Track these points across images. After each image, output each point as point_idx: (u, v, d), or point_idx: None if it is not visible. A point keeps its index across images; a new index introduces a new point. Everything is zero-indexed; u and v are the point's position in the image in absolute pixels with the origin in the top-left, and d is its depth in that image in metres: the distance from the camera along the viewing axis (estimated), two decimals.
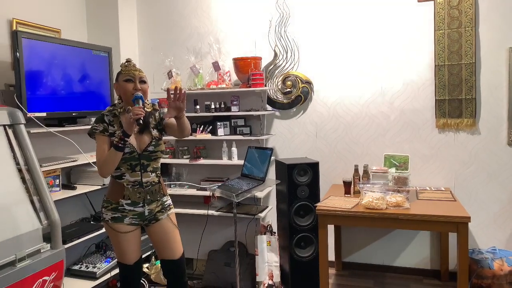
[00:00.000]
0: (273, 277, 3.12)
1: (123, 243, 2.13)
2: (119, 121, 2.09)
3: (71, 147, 2.92)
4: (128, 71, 2.08)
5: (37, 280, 2.07)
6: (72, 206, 3.07)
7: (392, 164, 3.09)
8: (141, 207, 2.12)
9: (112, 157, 1.98)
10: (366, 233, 3.46)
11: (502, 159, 3.11)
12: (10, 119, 2.20)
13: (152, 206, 2.16)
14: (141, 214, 2.13)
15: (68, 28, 3.39)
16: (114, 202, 2.11)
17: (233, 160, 3.41)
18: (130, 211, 2.11)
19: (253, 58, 3.40)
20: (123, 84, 2.08)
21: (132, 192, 2.10)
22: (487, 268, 2.92)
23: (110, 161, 1.99)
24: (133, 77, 2.07)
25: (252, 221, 3.42)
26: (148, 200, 2.13)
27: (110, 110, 2.13)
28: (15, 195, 2.10)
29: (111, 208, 2.11)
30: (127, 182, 2.10)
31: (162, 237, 2.19)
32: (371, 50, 3.33)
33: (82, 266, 2.85)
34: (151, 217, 2.16)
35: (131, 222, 2.12)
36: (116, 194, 2.11)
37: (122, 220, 2.10)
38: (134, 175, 2.10)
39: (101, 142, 2.05)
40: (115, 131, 2.07)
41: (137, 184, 2.11)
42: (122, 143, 1.96)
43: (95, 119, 2.11)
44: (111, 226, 2.11)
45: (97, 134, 2.06)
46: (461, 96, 3.14)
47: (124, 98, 2.11)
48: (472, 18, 3.06)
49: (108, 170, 2.02)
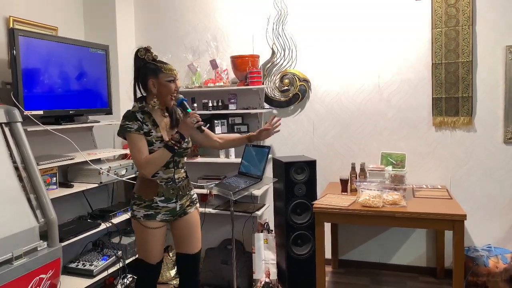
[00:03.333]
0: (270, 274, 3.13)
1: (150, 240, 2.12)
2: (151, 119, 2.07)
3: (68, 145, 2.91)
4: (171, 71, 2.07)
5: (34, 278, 2.07)
6: (69, 204, 3.06)
7: (389, 162, 3.10)
8: (174, 203, 2.13)
9: (163, 157, 2.00)
10: (363, 231, 3.48)
11: (498, 157, 3.13)
12: (7, 117, 2.19)
13: (183, 200, 2.19)
14: (173, 210, 2.14)
15: (65, 25, 3.37)
16: (148, 199, 2.10)
17: (231, 158, 3.41)
18: (163, 207, 2.11)
19: (251, 56, 3.40)
20: (166, 84, 2.05)
21: (166, 189, 2.11)
22: (482, 265, 2.94)
23: (160, 162, 2.01)
24: (175, 77, 2.08)
25: (249, 219, 3.43)
26: (180, 195, 2.16)
27: (141, 106, 2.08)
28: (12, 193, 2.09)
29: (145, 205, 2.10)
30: (160, 179, 2.10)
31: (186, 230, 2.22)
32: (368, 48, 3.34)
33: (79, 264, 2.84)
34: (181, 211, 2.18)
35: (163, 219, 2.12)
36: (150, 192, 2.10)
37: (155, 217, 2.10)
38: (168, 172, 2.11)
39: (139, 141, 2.01)
40: (150, 130, 2.05)
41: (170, 180, 2.12)
42: (178, 146, 1.99)
43: (126, 117, 2.05)
44: (142, 224, 2.10)
45: (132, 132, 2.01)
46: (458, 94, 3.15)
47: (161, 96, 2.07)
48: (469, 17, 3.07)
49: (155, 170, 2.04)
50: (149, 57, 2.08)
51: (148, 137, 2.04)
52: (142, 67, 2.09)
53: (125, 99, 3.71)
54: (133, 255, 3.14)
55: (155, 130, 2.06)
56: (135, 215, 2.12)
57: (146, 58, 2.08)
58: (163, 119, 2.14)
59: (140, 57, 2.09)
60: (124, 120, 2.04)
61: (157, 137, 2.05)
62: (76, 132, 3.15)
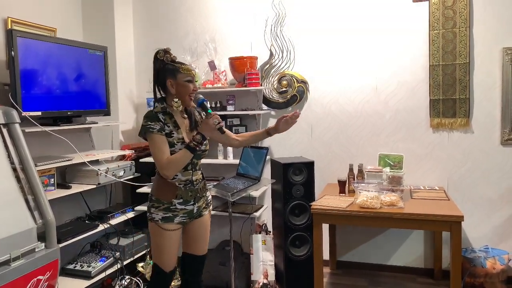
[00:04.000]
0: (268, 276, 3.13)
1: (167, 244, 2.11)
2: (172, 120, 2.07)
3: (66, 146, 2.91)
4: (189, 72, 2.08)
5: (32, 279, 2.07)
6: (67, 205, 3.06)
7: (386, 163, 3.10)
8: (191, 205, 2.13)
9: (184, 158, 1.99)
10: (361, 232, 3.48)
11: (495, 159, 3.14)
12: (5, 118, 2.19)
13: (200, 202, 2.19)
14: (190, 212, 2.14)
15: (64, 27, 3.37)
16: (166, 202, 2.09)
17: (229, 159, 3.41)
18: (181, 209, 2.11)
19: (249, 57, 3.41)
20: (185, 84, 2.05)
21: (184, 192, 2.10)
22: (480, 266, 2.95)
23: (182, 163, 2.00)
24: (193, 77, 2.09)
25: (247, 220, 3.43)
26: (198, 197, 2.16)
27: (162, 107, 2.08)
28: (10, 194, 2.09)
29: (163, 208, 2.09)
30: (179, 181, 2.09)
31: (198, 232, 2.22)
32: (366, 49, 3.35)
33: (77, 265, 2.84)
34: (197, 214, 2.18)
35: (180, 221, 2.12)
36: (168, 194, 2.09)
37: (173, 220, 2.09)
38: (186, 174, 2.11)
39: (161, 142, 2.00)
40: (171, 131, 2.04)
41: (189, 182, 2.12)
42: (199, 147, 1.99)
43: (148, 117, 2.03)
44: (160, 226, 2.08)
45: (155, 133, 2.00)
46: (455, 96, 3.16)
47: (180, 96, 2.07)
48: (466, 19, 3.08)
49: (177, 171, 2.03)
50: (167, 58, 2.08)
51: (170, 138, 2.03)
52: (161, 68, 2.08)
53: (123, 100, 3.71)
54: (131, 257, 3.15)
55: (177, 132, 2.06)
56: (153, 218, 2.10)
57: (165, 59, 2.07)
58: (184, 121, 2.14)
59: (159, 58, 2.09)
60: (146, 120, 2.03)
61: (178, 138, 2.05)
62: (74, 133, 3.16)
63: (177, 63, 2.09)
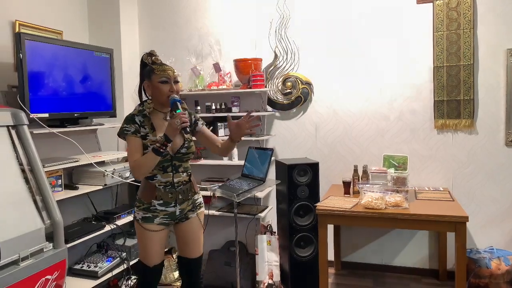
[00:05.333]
0: (273, 276, 3.15)
1: (148, 242, 2.13)
2: (150, 122, 2.07)
3: (73, 147, 2.93)
4: (164, 72, 2.03)
5: (40, 279, 2.09)
6: (74, 206, 3.08)
7: (391, 164, 3.11)
8: (172, 207, 2.13)
9: (150, 161, 1.97)
10: (365, 233, 3.49)
11: (500, 160, 3.14)
12: (14, 120, 2.22)
13: (184, 205, 2.17)
14: (172, 214, 2.14)
15: (70, 29, 3.41)
16: (146, 202, 2.11)
17: (234, 161, 3.43)
18: (161, 211, 2.12)
19: (254, 59, 3.43)
20: (158, 85, 2.03)
21: (164, 193, 2.10)
22: (484, 267, 2.95)
23: (148, 165, 1.98)
24: (169, 78, 2.03)
25: (252, 221, 3.45)
26: (180, 200, 2.14)
27: (140, 110, 2.09)
28: (19, 195, 2.12)
29: (143, 208, 2.12)
30: (159, 182, 2.10)
31: (187, 235, 2.22)
32: (370, 51, 3.37)
33: (84, 265, 2.86)
34: (182, 216, 2.17)
35: (161, 222, 2.13)
36: (148, 195, 2.11)
37: (153, 221, 2.11)
38: (166, 176, 2.10)
39: (134, 144, 2.02)
40: (146, 133, 2.05)
41: (169, 184, 2.11)
42: (163, 149, 1.95)
43: (125, 120, 2.06)
44: (141, 225, 2.12)
45: (129, 135, 2.02)
46: (460, 97, 3.17)
47: (157, 99, 2.07)
48: (470, 20, 3.09)
49: (144, 173, 2.03)
50: (149, 60, 2.08)
51: (144, 140, 2.04)
52: (142, 70, 2.12)
53: (129, 102, 3.74)
54: (137, 257, 3.16)
55: (152, 134, 2.05)
56: (135, 217, 2.16)
57: (147, 61, 2.09)
58: (165, 123, 2.10)
59: (143, 61, 2.11)
60: (123, 123, 2.07)
61: (152, 140, 2.03)
62: (80, 134, 3.18)
63: (156, 64, 2.07)
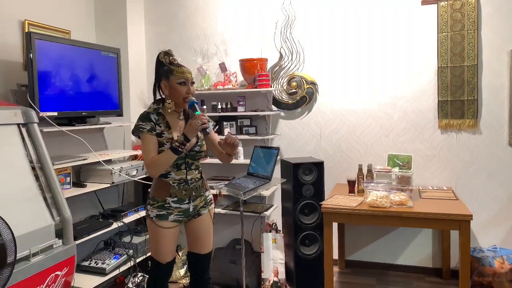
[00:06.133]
0: (278, 274, 3.17)
1: (161, 239, 2.15)
2: (165, 121, 2.10)
3: (81, 146, 2.97)
4: (182, 74, 2.08)
5: (50, 274, 2.12)
6: (81, 203, 3.12)
7: (395, 163, 3.14)
8: (186, 203, 2.16)
9: (168, 159, 2.02)
10: (369, 232, 3.52)
11: (503, 159, 3.17)
12: (24, 118, 2.26)
13: (197, 202, 2.21)
14: (186, 211, 2.17)
15: (78, 29, 3.45)
16: (161, 200, 2.13)
17: (239, 160, 3.46)
18: (176, 208, 2.14)
19: (259, 59, 3.46)
20: (176, 86, 2.07)
21: (178, 190, 2.13)
22: (488, 266, 2.97)
23: (165, 163, 2.03)
24: (187, 80, 2.08)
25: (258, 219, 3.48)
26: (193, 196, 2.18)
27: (156, 108, 2.12)
28: (29, 192, 2.15)
29: (157, 205, 2.14)
30: (173, 180, 2.13)
31: (199, 231, 2.24)
32: (375, 51, 3.39)
33: (92, 262, 2.90)
34: (195, 212, 2.21)
35: (175, 219, 2.16)
36: (163, 192, 2.14)
37: (167, 218, 2.14)
38: (180, 173, 2.13)
39: (150, 142, 2.05)
40: (162, 131, 2.08)
41: (183, 181, 2.14)
42: (182, 148, 2.00)
43: (140, 117, 2.09)
44: (155, 223, 2.14)
45: (145, 133, 2.05)
46: (463, 97, 3.20)
47: (174, 99, 2.10)
48: (474, 21, 3.12)
49: (161, 171, 2.07)
50: (166, 60, 2.11)
51: (160, 138, 2.07)
52: (159, 69, 2.14)
53: (135, 101, 3.77)
54: (143, 254, 3.20)
55: (167, 132, 2.09)
56: (149, 215, 2.17)
57: (164, 61, 2.11)
58: (179, 122, 2.17)
59: (159, 60, 2.14)
60: (138, 120, 2.09)
61: (168, 138, 2.08)
62: (87, 133, 3.21)
63: (174, 65, 2.10)
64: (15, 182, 2.09)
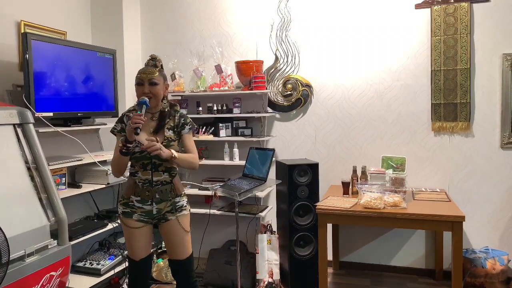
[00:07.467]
0: (273, 275, 3.19)
1: (130, 238, 2.19)
2: None
3: (76, 146, 2.97)
4: (139, 75, 2.12)
5: (45, 275, 2.13)
6: (76, 204, 3.12)
7: (389, 165, 3.17)
8: (149, 205, 2.16)
9: (118, 159, 2.08)
10: (363, 234, 3.54)
11: (495, 162, 3.21)
12: (20, 118, 2.26)
13: (161, 205, 2.17)
14: (149, 212, 2.17)
15: (74, 30, 3.45)
16: (126, 197, 2.18)
17: (235, 161, 3.48)
18: (138, 207, 2.16)
19: (255, 61, 3.48)
20: (136, 87, 2.14)
21: (141, 190, 2.15)
22: (480, 267, 3.01)
23: (117, 163, 2.11)
24: (142, 80, 2.10)
25: (253, 221, 3.49)
26: (157, 199, 2.15)
27: (130, 110, 2.20)
28: (24, 192, 2.16)
29: (123, 203, 2.19)
30: (139, 179, 2.15)
31: (169, 237, 2.22)
32: (369, 54, 3.43)
33: (86, 263, 2.90)
34: (159, 216, 2.18)
35: (139, 219, 2.17)
36: (129, 190, 2.18)
37: (131, 216, 2.16)
38: (146, 174, 2.14)
39: (117, 142, 2.14)
40: None
41: (147, 182, 2.14)
42: (125, 149, 2.00)
43: (117, 118, 2.21)
44: (122, 220, 2.20)
45: (115, 133, 2.18)
46: (456, 100, 3.23)
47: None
48: (467, 25, 3.16)
49: (117, 170, 2.14)
50: (145, 63, 2.22)
51: None
52: None
53: (131, 102, 3.77)
54: None
55: None
56: (118, 211, 2.24)
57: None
58: (150, 123, 2.17)
59: None
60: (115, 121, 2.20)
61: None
62: (83, 134, 3.22)
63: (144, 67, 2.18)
64: (10, 182, 2.09)
